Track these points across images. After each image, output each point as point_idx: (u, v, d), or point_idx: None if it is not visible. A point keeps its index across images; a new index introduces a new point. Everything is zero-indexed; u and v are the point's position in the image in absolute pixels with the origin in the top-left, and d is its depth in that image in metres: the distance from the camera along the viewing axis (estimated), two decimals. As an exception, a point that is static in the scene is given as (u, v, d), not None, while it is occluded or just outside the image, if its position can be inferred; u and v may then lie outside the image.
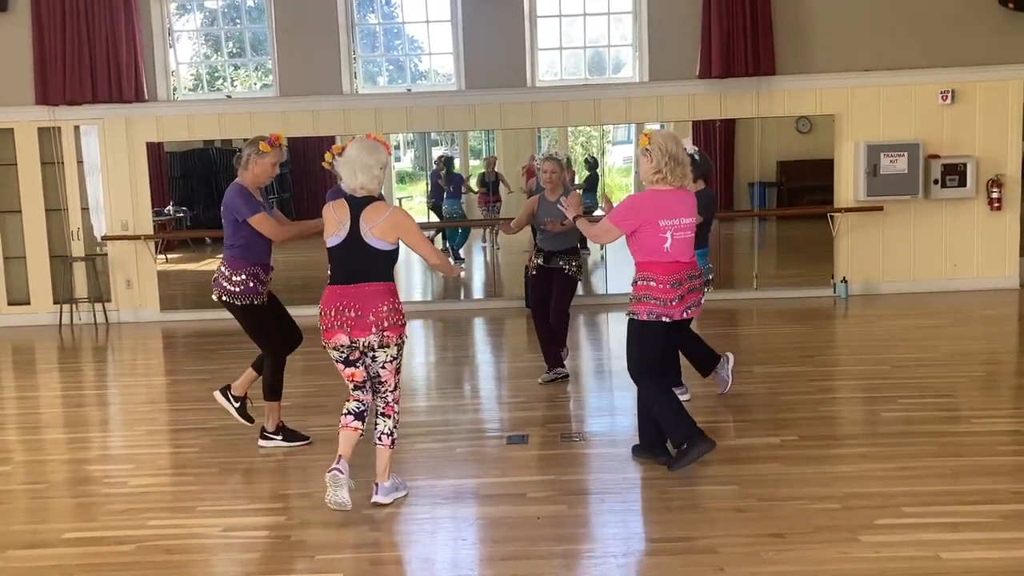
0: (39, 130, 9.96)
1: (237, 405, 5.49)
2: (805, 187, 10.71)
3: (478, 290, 10.72)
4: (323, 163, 5.00)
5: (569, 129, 10.67)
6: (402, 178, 11.90)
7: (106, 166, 10.03)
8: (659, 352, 4.77)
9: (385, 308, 4.23)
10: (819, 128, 10.13)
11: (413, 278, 11.55)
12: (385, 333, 4.24)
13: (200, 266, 10.78)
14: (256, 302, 5.19)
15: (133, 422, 6.30)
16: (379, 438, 4.38)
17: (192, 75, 10.97)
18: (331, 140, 10.37)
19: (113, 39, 9.64)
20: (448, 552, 4.04)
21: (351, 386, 4.43)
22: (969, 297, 9.56)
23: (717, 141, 10.56)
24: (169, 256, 10.59)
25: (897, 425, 5.44)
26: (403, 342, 4.35)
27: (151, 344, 9.19)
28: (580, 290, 10.51)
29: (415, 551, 4.11)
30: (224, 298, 5.20)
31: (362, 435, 4.42)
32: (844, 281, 9.92)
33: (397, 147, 11.81)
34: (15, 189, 10.06)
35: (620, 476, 4.77)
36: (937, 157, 9.73)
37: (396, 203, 11.57)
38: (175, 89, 10.33)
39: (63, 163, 10.02)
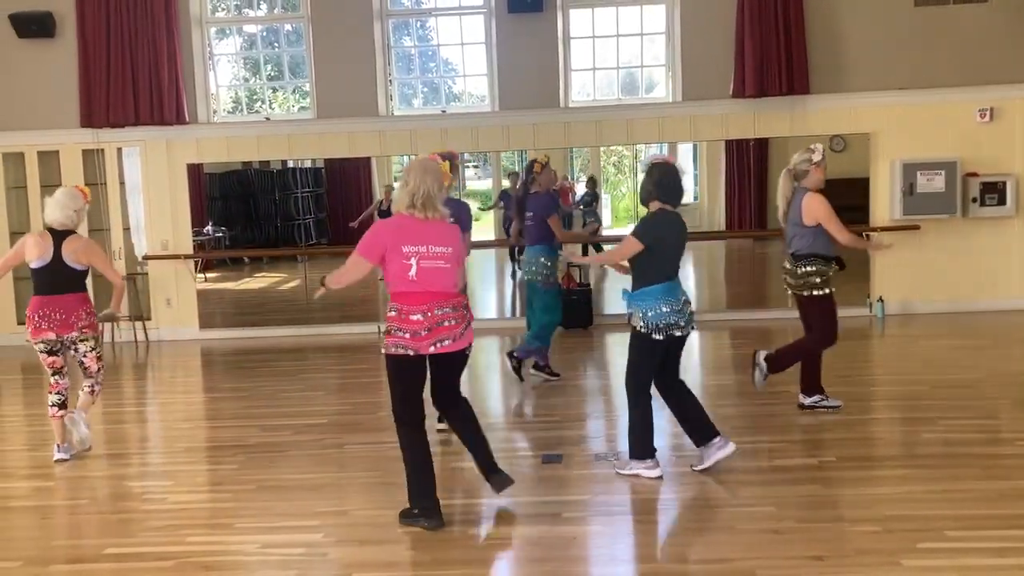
0: (83, 152, 10.19)
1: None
2: (840, 206, 10.53)
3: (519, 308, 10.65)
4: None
5: (601, 149, 10.70)
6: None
7: (147, 187, 10.22)
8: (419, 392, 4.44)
9: (83, 312, 5.63)
10: (853, 147, 10.05)
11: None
12: (84, 330, 5.63)
13: (238, 285, 10.92)
14: None
15: (172, 439, 6.39)
16: (91, 390, 5.84)
17: (231, 98, 11.17)
18: (367, 161, 10.53)
19: (155, 63, 9.85)
20: (484, 572, 4.04)
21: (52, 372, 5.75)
22: (1009, 317, 9.40)
23: (751, 160, 10.53)
24: (208, 275, 10.75)
25: (938, 447, 5.36)
26: (98, 336, 5.82)
27: (190, 362, 9.31)
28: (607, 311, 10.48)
29: (451, 570, 4.11)
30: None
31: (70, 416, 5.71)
32: (881, 300, 9.80)
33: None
34: (59, 210, 10.28)
35: (656, 496, 4.75)
36: (975, 175, 9.60)
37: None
38: (215, 111, 10.52)
39: (106, 184, 10.23)
